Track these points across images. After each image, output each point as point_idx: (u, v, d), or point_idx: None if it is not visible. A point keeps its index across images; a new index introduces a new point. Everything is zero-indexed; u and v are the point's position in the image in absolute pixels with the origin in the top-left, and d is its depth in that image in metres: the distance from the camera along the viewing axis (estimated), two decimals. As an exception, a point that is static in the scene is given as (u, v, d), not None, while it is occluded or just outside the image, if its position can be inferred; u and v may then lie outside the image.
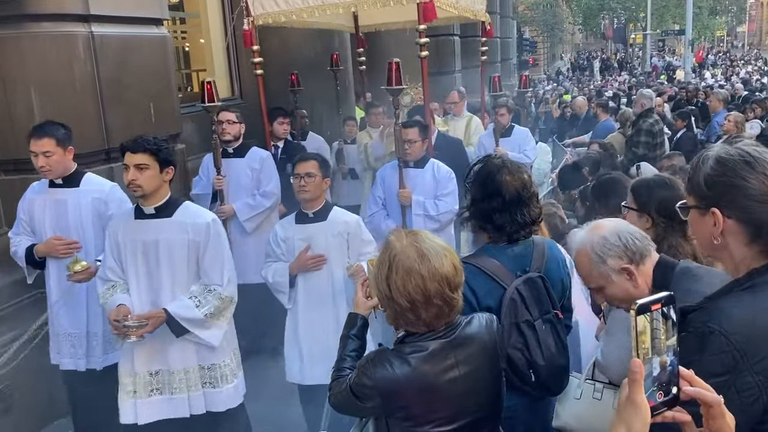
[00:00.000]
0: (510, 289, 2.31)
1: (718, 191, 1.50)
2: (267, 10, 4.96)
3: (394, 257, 1.93)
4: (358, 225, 3.81)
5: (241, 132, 5.05)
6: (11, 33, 4.11)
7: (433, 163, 4.79)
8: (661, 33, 44.71)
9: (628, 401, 1.14)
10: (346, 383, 2.08)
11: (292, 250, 3.74)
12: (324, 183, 3.73)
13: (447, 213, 4.71)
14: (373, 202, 4.89)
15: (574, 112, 12.01)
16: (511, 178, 2.38)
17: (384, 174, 4.93)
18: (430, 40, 12.42)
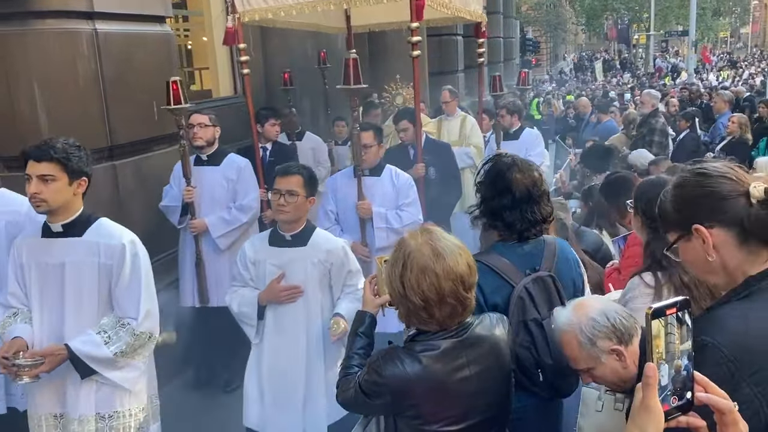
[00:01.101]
0: (518, 287, 2.30)
1: (690, 210, 1.53)
2: (253, 6, 4.68)
3: (408, 255, 1.91)
4: (344, 253, 3.31)
5: (215, 137, 4.63)
6: (15, 30, 4.10)
7: (390, 169, 4.43)
8: (665, 34, 44.65)
9: (642, 406, 1.13)
10: (354, 381, 2.08)
11: (263, 276, 3.26)
12: (307, 203, 3.22)
13: (412, 225, 4.20)
14: (324, 217, 4.42)
15: (578, 112, 11.99)
16: (521, 176, 2.37)
17: (335, 184, 4.50)
18: (432, 39, 12.53)
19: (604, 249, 4.10)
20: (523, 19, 35.17)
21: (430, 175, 5.19)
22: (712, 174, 1.52)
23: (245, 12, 4.65)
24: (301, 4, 4.63)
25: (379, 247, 4.27)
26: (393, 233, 4.27)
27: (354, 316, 2.72)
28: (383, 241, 4.28)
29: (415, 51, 4.56)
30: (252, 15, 4.68)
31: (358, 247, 4.29)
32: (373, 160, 4.36)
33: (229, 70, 7.25)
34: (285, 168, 3.27)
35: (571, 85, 27.78)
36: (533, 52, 35.17)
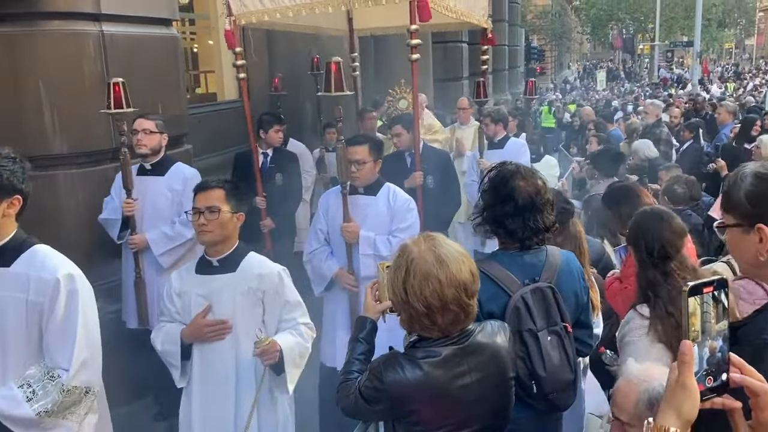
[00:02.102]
0: (515, 296, 2.29)
1: (762, 208, 1.49)
2: (249, 8, 4.48)
3: (411, 261, 1.92)
4: (280, 281, 2.91)
5: (162, 144, 4.25)
6: (23, 30, 4.11)
7: (389, 189, 3.97)
8: (670, 44, 44.69)
9: (678, 384, 1.12)
10: (355, 386, 2.08)
11: (189, 309, 2.89)
12: (234, 219, 2.87)
13: None
14: (314, 237, 4.05)
15: (582, 121, 12.00)
16: (524, 183, 2.36)
17: (327, 201, 4.09)
18: (437, 46, 12.57)
19: (605, 258, 4.10)
20: (528, 28, 35.23)
21: (427, 184, 5.02)
22: None
23: (241, 14, 4.50)
24: (299, 6, 4.45)
25: (365, 276, 3.81)
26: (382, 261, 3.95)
27: (296, 349, 2.87)
28: (370, 270, 3.80)
29: (414, 54, 4.39)
30: (248, 17, 4.53)
31: (343, 275, 3.91)
32: (368, 177, 3.90)
33: (234, 73, 7.26)
34: (203, 183, 2.95)
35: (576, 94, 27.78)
36: (538, 61, 35.21)
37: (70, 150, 4.27)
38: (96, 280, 4.32)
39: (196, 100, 6.79)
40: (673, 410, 1.12)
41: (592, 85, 35.06)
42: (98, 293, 4.24)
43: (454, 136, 7.10)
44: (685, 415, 1.11)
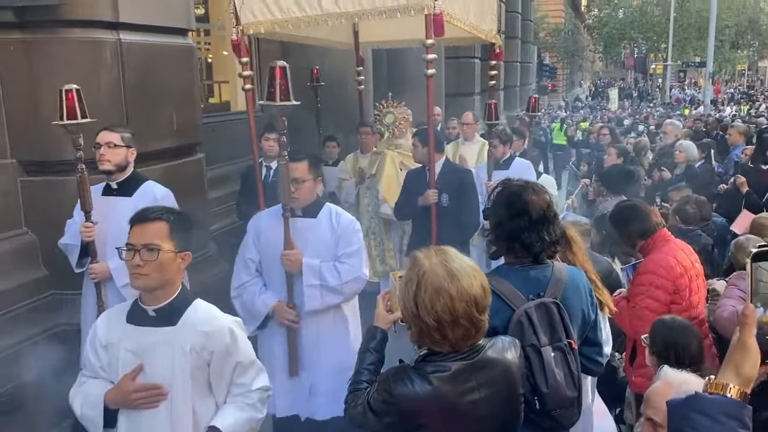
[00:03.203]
0: (519, 311, 2.28)
1: None
2: (258, 18, 4.34)
3: (422, 275, 1.91)
4: (232, 338, 2.40)
5: (128, 160, 3.78)
6: (42, 37, 4.19)
7: (330, 209, 3.58)
8: (682, 64, 44.68)
9: (739, 343, 1.17)
10: (363, 397, 2.08)
11: (116, 366, 2.36)
12: (179, 260, 2.37)
13: (353, 282, 3.47)
14: (243, 268, 3.58)
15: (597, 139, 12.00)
16: (536, 198, 2.37)
17: (258, 226, 3.61)
18: (450, 61, 12.58)
19: (613, 276, 4.09)
20: (540, 45, 35.35)
21: (442, 202, 4.86)
22: None
23: (250, 24, 4.37)
24: (310, 17, 4.33)
25: (310, 309, 3.47)
26: (329, 293, 3.44)
27: (244, 427, 2.44)
28: (315, 302, 3.44)
29: (429, 69, 4.33)
30: (257, 27, 4.40)
31: (282, 309, 3.49)
32: (307, 197, 3.48)
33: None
34: (142, 213, 2.44)
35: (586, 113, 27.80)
36: (550, 78, 35.29)
37: (85, 156, 4.31)
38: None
39: (210, 109, 6.86)
40: (732, 368, 1.17)
41: (604, 104, 35.08)
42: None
43: (457, 152, 6.94)
44: (745, 374, 1.16)
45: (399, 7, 4.19)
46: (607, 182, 5.91)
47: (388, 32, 6.16)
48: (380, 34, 6.28)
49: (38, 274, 4.31)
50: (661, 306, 3.50)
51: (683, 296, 3.55)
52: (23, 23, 4.17)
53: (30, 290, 4.22)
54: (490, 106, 5.52)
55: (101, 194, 3.77)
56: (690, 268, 3.60)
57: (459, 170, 5.53)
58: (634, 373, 3.59)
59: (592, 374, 2.75)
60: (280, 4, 4.31)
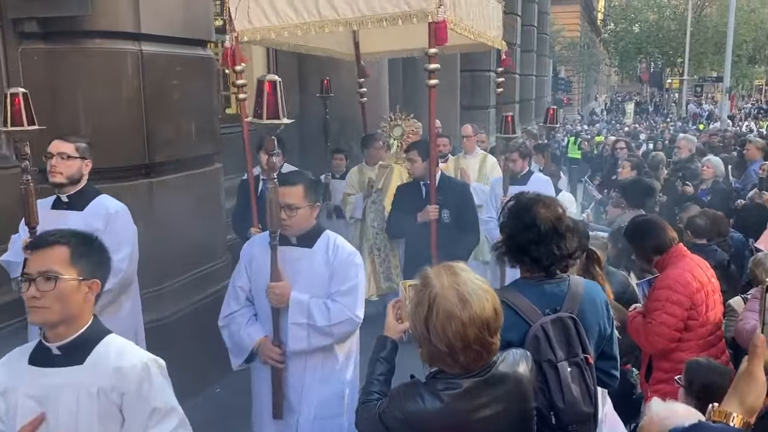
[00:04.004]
0: (535, 325, 2.26)
1: None
2: (255, 25, 4.17)
3: (434, 298, 1.88)
4: (147, 378, 2.06)
5: (82, 172, 3.54)
6: (65, 47, 4.25)
7: (328, 239, 3.21)
8: (699, 79, 44.44)
9: (746, 372, 1.17)
10: (375, 411, 2.08)
11: (14, 414, 2.01)
12: (85, 289, 2.04)
13: (343, 323, 3.11)
14: (233, 296, 3.32)
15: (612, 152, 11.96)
16: (545, 210, 2.36)
17: (251, 252, 3.32)
18: (465, 74, 12.61)
19: (630, 291, 4.07)
20: (556, 59, 35.33)
21: (443, 218, 4.68)
22: None
23: (245, 31, 4.23)
24: (307, 24, 4.16)
25: (295, 350, 3.14)
26: (316, 333, 3.10)
27: None
28: (301, 343, 3.11)
29: (431, 80, 4.15)
30: (253, 35, 4.26)
31: (267, 346, 3.18)
32: (302, 225, 3.15)
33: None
34: (39, 237, 2.20)
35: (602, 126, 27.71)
36: (565, 92, 35.23)
37: (104, 164, 4.37)
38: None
39: (227, 120, 6.90)
40: (737, 397, 1.15)
41: (620, 118, 34.95)
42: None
43: (457, 165, 6.77)
44: (750, 404, 1.14)
45: (401, 13, 4.04)
46: (627, 195, 5.86)
47: (389, 41, 5.98)
48: (381, 43, 6.12)
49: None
50: (678, 321, 3.48)
51: (699, 312, 3.52)
52: (47, 34, 4.24)
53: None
54: (506, 118, 5.31)
55: (50, 207, 3.52)
56: (706, 284, 3.58)
57: (458, 184, 5.35)
58: (650, 389, 3.56)
59: (608, 388, 2.73)
60: (277, 9, 4.17)
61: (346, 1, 4.12)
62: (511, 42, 14.84)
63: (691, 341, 3.51)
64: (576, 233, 2.46)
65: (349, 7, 4.10)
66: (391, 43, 6.07)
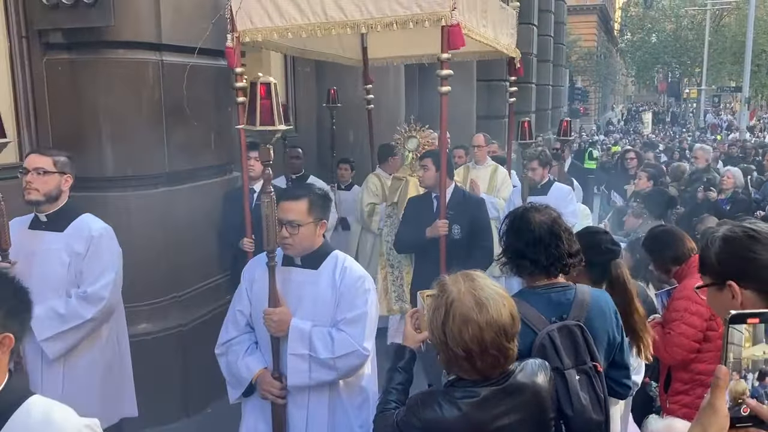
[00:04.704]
0: (541, 333, 2.26)
1: (731, 266, 1.66)
2: (256, 25, 4.02)
3: (451, 304, 1.90)
4: None
5: (61, 189, 3.26)
6: (88, 57, 4.32)
7: (336, 260, 2.89)
8: (717, 89, 44.11)
9: (708, 405, 1.18)
10: (392, 419, 2.09)
11: None
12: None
13: (349, 356, 2.78)
14: (232, 322, 3.02)
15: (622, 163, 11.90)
16: (538, 215, 2.40)
17: (253, 273, 3.02)
18: (481, 84, 12.58)
19: (649, 302, 4.04)
20: (572, 68, 35.26)
21: (453, 234, 4.42)
22: (761, 240, 1.63)
23: (247, 31, 4.07)
24: (312, 25, 3.96)
25: (294, 384, 2.83)
26: (319, 367, 2.78)
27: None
28: (302, 377, 2.80)
29: (443, 87, 3.97)
30: (254, 35, 4.11)
31: (266, 380, 2.87)
32: (305, 244, 2.85)
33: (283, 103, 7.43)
34: None
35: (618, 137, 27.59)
36: (581, 101, 35.13)
37: (124, 173, 4.44)
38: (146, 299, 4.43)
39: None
40: (700, 429, 1.16)
41: (637, 128, 34.77)
42: (142, 313, 4.42)
43: (466, 176, 6.57)
44: None
45: (412, 16, 3.83)
46: (649, 204, 5.83)
47: (399, 46, 5.77)
48: (390, 48, 5.93)
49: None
50: (697, 332, 3.46)
51: (719, 323, 3.49)
52: (71, 44, 4.32)
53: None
54: (523, 124, 5.09)
55: (28, 227, 3.28)
56: (726, 295, 3.54)
57: (471, 199, 4.99)
58: (669, 400, 3.53)
59: (620, 398, 2.71)
60: (281, 10, 4.01)
61: (354, 2, 3.93)
62: (528, 52, 14.85)
63: (710, 352, 3.48)
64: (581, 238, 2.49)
65: (357, 8, 3.91)
66: (401, 48, 5.89)
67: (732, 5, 38.88)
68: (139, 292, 4.28)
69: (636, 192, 7.23)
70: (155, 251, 4.49)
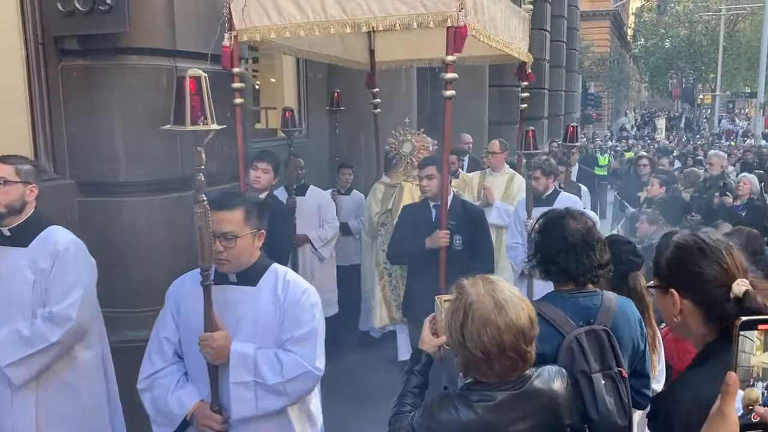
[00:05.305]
0: (569, 337, 2.27)
1: (676, 274, 1.69)
2: (255, 24, 3.91)
3: (469, 306, 1.92)
4: None
5: (25, 199, 3.01)
6: (103, 64, 4.37)
7: (277, 275, 2.63)
8: (731, 95, 43.81)
9: (718, 412, 1.18)
10: (408, 421, 2.09)
11: None
12: None
13: (300, 378, 2.53)
14: (157, 351, 2.67)
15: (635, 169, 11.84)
16: (574, 222, 2.42)
17: (180, 292, 2.72)
18: (493, 89, 12.58)
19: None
20: (585, 74, 35.15)
21: (454, 245, 4.24)
22: (707, 254, 1.66)
23: (244, 30, 3.96)
24: (311, 24, 3.84)
25: (239, 417, 2.54)
26: (267, 393, 2.50)
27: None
28: (248, 407, 2.51)
29: (448, 91, 3.84)
30: (252, 34, 3.99)
31: (203, 414, 2.56)
32: (241, 258, 2.58)
33: (295, 110, 7.46)
34: None
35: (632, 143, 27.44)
36: (594, 107, 35.00)
37: (139, 178, 4.47)
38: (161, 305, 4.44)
39: (256, 135, 7.00)
40: None
41: (651, 134, 34.58)
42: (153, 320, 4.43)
43: (481, 182, 6.43)
44: None
45: (416, 16, 3.70)
46: (665, 211, 5.80)
47: (407, 48, 5.62)
48: (398, 50, 5.78)
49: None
50: (710, 340, 3.43)
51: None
52: (86, 51, 4.36)
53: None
54: (527, 133, 4.94)
55: None
56: (740, 302, 3.51)
57: (472, 208, 4.80)
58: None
59: (640, 408, 2.70)
60: (280, 8, 3.90)
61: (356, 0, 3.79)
62: (540, 57, 14.82)
63: (723, 360, 3.45)
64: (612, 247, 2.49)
65: (358, 6, 3.76)
66: (410, 51, 5.69)
67: (747, 10, 38.63)
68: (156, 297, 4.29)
69: (649, 198, 7.19)
70: (168, 256, 4.51)
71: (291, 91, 7.30)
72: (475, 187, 6.45)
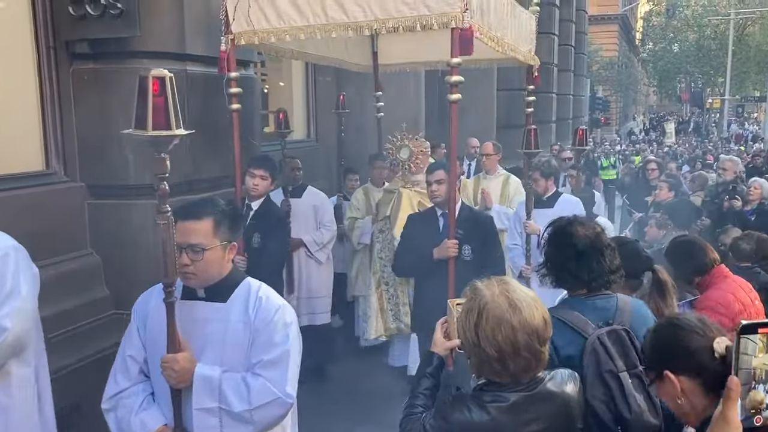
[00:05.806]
0: (591, 338, 2.26)
1: (665, 354, 1.74)
2: (254, 27, 3.82)
3: (484, 305, 1.93)
4: None
5: None
6: (113, 67, 4.40)
7: (249, 290, 2.44)
8: (741, 99, 43.62)
9: (721, 416, 1.20)
10: (419, 422, 2.10)
11: None
12: None
13: (269, 406, 2.35)
14: (122, 370, 2.51)
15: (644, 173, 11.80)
16: (582, 229, 2.43)
17: (145, 310, 2.52)
18: (501, 93, 12.56)
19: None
20: (593, 78, 35.09)
21: (464, 255, 4.06)
22: (684, 327, 1.73)
23: (243, 33, 3.87)
24: (312, 27, 3.74)
25: None
26: (233, 421, 2.33)
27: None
28: None
29: (453, 95, 3.73)
30: (250, 37, 3.89)
31: None
32: (210, 273, 2.39)
33: (303, 113, 7.49)
34: None
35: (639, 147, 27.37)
36: (602, 111, 34.91)
37: (148, 181, 4.48)
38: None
39: (265, 138, 7.02)
40: None
41: (660, 138, 34.47)
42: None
43: (476, 187, 6.35)
44: None
45: (419, 18, 3.60)
46: (675, 215, 5.78)
47: (411, 51, 5.52)
48: (402, 53, 5.69)
49: (101, 293, 4.48)
50: (720, 344, 3.42)
51: (742, 335, 3.45)
52: (97, 54, 4.40)
53: (92, 309, 4.38)
54: (529, 132, 4.84)
55: None
56: (750, 306, 3.50)
57: (481, 216, 4.61)
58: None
59: None
60: (279, 10, 3.80)
61: (357, 2, 3.68)
62: (548, 61, 14.81)
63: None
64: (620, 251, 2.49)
65: (360, 9, 3.66)
66: (414, 53, 5.58)
67: (756, 14, 38.48)
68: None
69: (656, 203, 7.16)
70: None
71: (300, 95, 7.32)
72: (470, 192, 6.35)
